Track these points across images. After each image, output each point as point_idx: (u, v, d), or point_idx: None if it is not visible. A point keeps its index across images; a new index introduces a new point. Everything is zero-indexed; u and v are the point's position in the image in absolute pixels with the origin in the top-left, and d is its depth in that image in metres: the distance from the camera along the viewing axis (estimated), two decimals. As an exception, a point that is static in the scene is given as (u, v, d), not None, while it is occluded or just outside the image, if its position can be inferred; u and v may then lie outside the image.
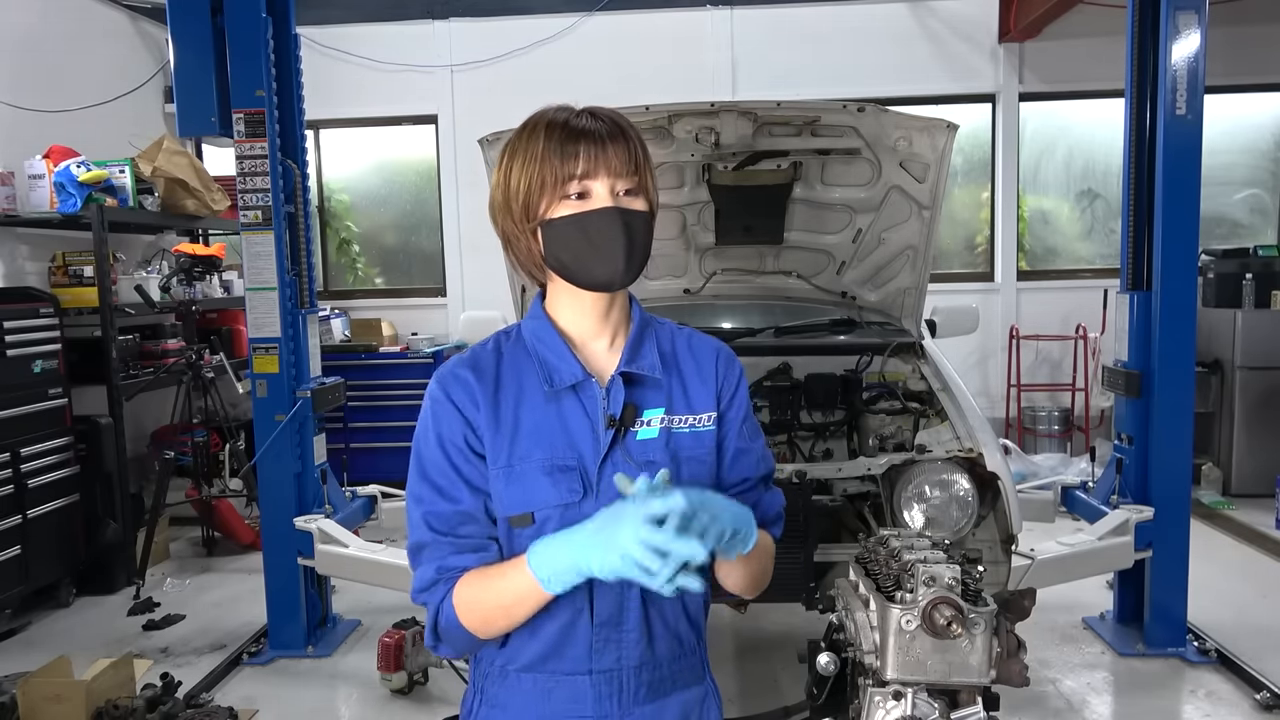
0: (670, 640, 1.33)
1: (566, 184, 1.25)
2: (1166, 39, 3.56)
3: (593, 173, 1.25)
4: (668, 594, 1.09)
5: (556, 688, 1.30)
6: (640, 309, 1.40)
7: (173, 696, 3.36)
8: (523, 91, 6.51)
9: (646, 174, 1.30)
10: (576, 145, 1.25)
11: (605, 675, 1.30)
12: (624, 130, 1.28)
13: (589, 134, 1.25)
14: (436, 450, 1.30)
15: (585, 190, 1.26)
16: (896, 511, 3.04)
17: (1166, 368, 3.70)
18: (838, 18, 6.86)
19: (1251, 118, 7.00)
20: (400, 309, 7.27)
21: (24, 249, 5.40)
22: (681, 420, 1.33)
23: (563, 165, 1.25)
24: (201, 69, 3.74)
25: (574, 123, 1.27)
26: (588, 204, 1.26)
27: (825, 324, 3.92)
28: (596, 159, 1.24)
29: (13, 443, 4.34)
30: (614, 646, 1.29)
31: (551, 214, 1.27)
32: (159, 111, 6.84)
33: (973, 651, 1.31)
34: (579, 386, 1.31)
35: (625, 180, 1.26)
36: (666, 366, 1.35)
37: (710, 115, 3.27)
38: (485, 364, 1.33)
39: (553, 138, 1.26)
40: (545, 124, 1.28)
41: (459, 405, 1.30)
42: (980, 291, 6.87)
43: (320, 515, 3.87)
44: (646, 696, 1.32)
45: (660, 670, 1.33)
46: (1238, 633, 3.85)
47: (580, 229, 1.26)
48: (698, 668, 1.38)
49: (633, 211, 1.27)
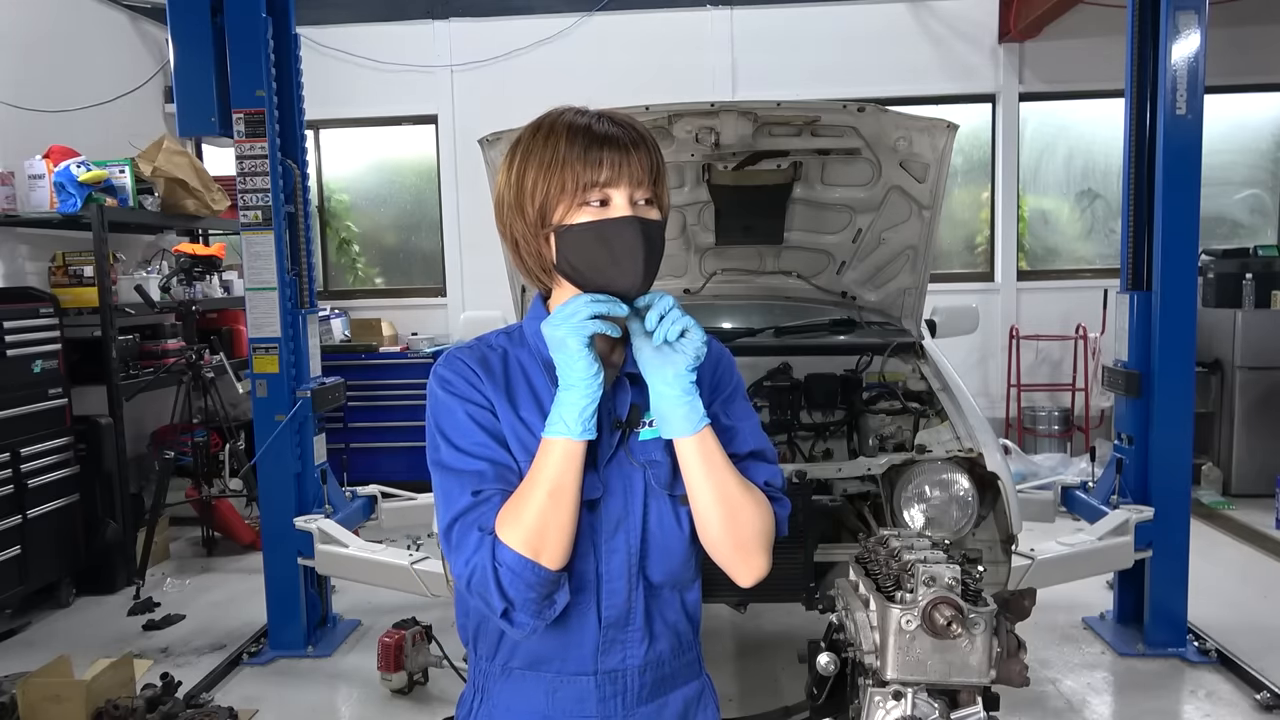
0: (671, 638, 1.33)
1: (588, 191, 1.23)
2: (1166, 39, 3.56)
3: (615, 181, 1.23)
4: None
5: (561, 688, 1.30)
6: None
7: (173, 696, 3.36)
8: (523, 91, 6.55)
9: (663, 183, 1.29)
10: (600, 152, 1.22)
11: (610, 676, 1.30)
12: (644, 138, 1.26)
13: (613, 141, 1.23)
14: (460, 413, 1.26)
15: (606, 198, 1.24)
16: (896, 511, 3.04)
17: (1166, 368, 3.70)
18: (838, 18, 6.86)
19: (1251, 118, 7.00)
20: (400, 309, 7.27)
21: (24, 249, 5.40)
22: None
23: (585, 172, 1.22)
24: (201, 69, 3.74)
25: (596, 128, 1.25)
26: (607, 212, 1.24)
27: (825, 324, 3.92)
28: (620, 167, 1.22)
29: (13, 443, 4.34)
30: (619, 647, 1.30)
31: (569, 220, 1.24)
32: (159, 111, 6.84)
33: (973, 651, 1.31)
34: None
35: (644, 190, 1.25)
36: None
37: (710, 115, 3.27)
38: (494, 364, 1.32)
39: (575, 143, 1.23)
40: (566, 127, 1.25)
41: (470, 381, 1.28)
42: (980, 291, 6.87)
43: (320, 515, 3.88)
44: (649, 695, 1.32)
45: (662, 669, 1.33)
46: (1238, 633, 3.85)
47: (599, 237, 1.24)
48: (694, 664, 1.39)
49: (651, 221, 1.26)
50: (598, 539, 1.26)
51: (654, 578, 1.29)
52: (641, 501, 1.28)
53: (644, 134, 1.27)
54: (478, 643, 1.35)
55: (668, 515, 1.29)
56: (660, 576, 1.30)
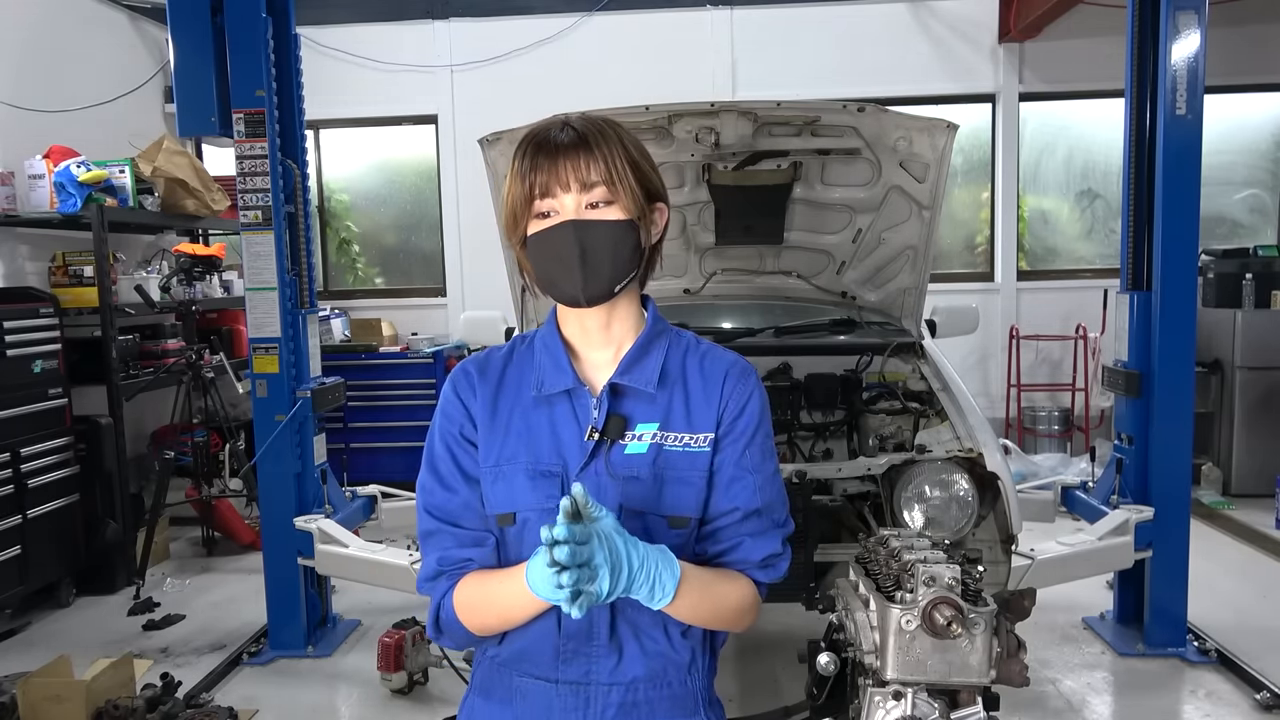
0: (648, 664, 1.29)
1: (531, 202, 1.24)
2: (1166, 39, 3.56)
3: (550, 188, 1.22)
4: (575, 616, 1.08)
5: (530, 690, 1.30)
6: (656, 321, 1.36)
7: (173, 696, 3.36)
8: (523, 91, 6.56)
9: (626, 182, 1.23)
10: (540, 159, 1.23)
11: (572, 687, 1.28)
12: (589, 140, 1.23)
13: (549, 147, 1.23)
14: (440, 442, 1.33)
15: (550, 207, 1.24)
16: (896, 511, 3.04)
17: (1166, 368, 3.70)
18: (837, 18, 6.86)
19: (1251, 118, 7.00)
20: (400, 309, 7.27)
21: (24, 249, 5.40)
22: (676, 438, 1.28)
23: (524, 181, 1.24)
24: (201, 69, 3.74)
25: (542, 136, 1.25)
26: (551, 220, 1.24)
27: (825, 324, 3.92)
28: (550, 173, 1.22)
29: (13, 443, 4.34)
30: (583, 659, 1.28)
31: (529, 231, 1.27)
32: (159, 111, 6.84)
33: (973, 651, 1.31)
34: (572, 394, 1.30)
35: (593, 192, 1.23)
36: (669, 382, 1.30)
37: (710, 115, 3.27)
38: (493, 365, 1.35)
39: (526, 154, 1.25)
40: (527, 138, 1.27)
41: (462, 398, 1.33)
42: (980, 291, 6.87)
43: (320, 515, 3.87)
44: (615, 717, 1.28)
45: (635, 693, 1.28)
46: (1238, 633, 3.85)
47: (543, 245, 1.25)
48: (688, 701, 1.32)
49: (592, 223, 1.23)
50: None
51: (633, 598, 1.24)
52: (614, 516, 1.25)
53: (592, 135, 1.23)
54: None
55: (647, 536, 1.23)
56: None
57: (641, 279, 1.35)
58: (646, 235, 1.29)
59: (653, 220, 1.31)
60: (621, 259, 1.25)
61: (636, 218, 1.26)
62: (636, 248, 1.27)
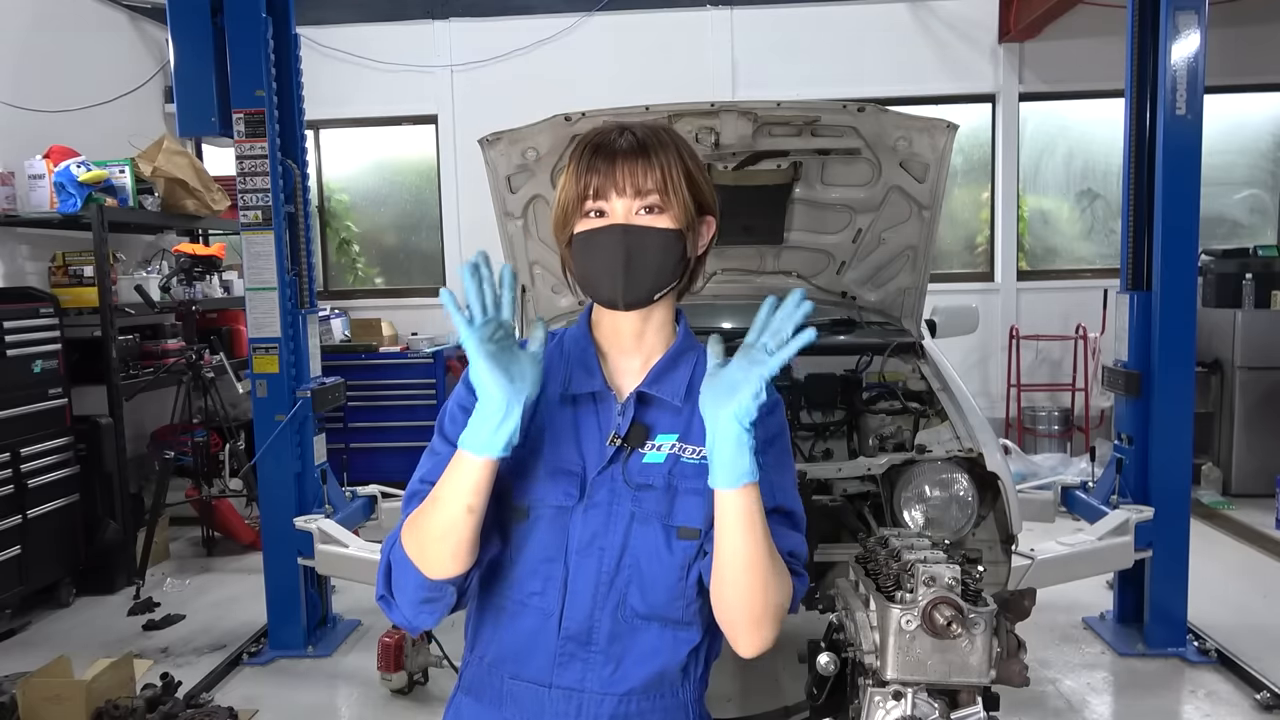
0: (646, 675, 1.27)
1: (583, 201, 1.26)
2: (1166, 39, 3.56)
3: (604, 190, 1.24)
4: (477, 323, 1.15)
5: (520, 694, 1.28)
6: (687, 335, 1.36)
7: (173, 696, 3.36)
8: (523, 91, 6.56)
9: (679, 192, 1.25)
10: (596, 161, 1.25)
11: (565, 693, 1.26)
12: (648, 147, 1.25)
13: (607, 150, 1.25)
14: (455, 408, 1.30)
15: (601, 209, 1.25)
16: (896, 511, 3.03)
17: (1166, 368, 3.70)
18: (838, 18, 6.86)
19: (1251, 118, 7.01)
20: (400, 309, 7.27)
21: (24, 249, 5.40)
22: (694, 451, 1.27)
23: (579, 181, 1.25)
24: (201, 69, 3.74)
25: (601, 139, 1.27)
26: (602, 221, 1.26)
27: (825, 324, 3.92)
28: (607, 176, 1.24)
29: (13, 443, 4.34)
30: (579, 664, 1.26)
31: (576, 230, 1.28)
32: (159, 111, 6.84)
33: (973, 651, 1.31)
34: (598, 397, 1.30)
35: (646, 198, 1.25)
36: (693, 396, 1.28)
37: (710, 115, 3.27)
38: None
39: (583, 155, 1.27)
40: (584, 139, 1.29)
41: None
42: (980, 291, 6.87)
43: (320, 515, 3.87)
44: None
45: (629, 705, 1.27)
46: (1238, 633, 3.85)
47: (588, 246, 1.26)
48: (679, 713, 1.30)
49: (640, 229, 1.24)
50: (569, 546, 1.25)
51: (636, 606, 1.25)
52: (625, 524, 1.25)
53: (650, 143, 1.26)
54: (466, 634, 1.35)
55: (655, 543, 1.24)
56: (643, 607, 1.25)
57: (680, 291, 1.35)
58: (693, 247, 1.31)
59: (700, 233, 1.32)
60: (665, 268, 1.27)
61: (685, 228, 1.27)
62: (681, 258, 1.28)
